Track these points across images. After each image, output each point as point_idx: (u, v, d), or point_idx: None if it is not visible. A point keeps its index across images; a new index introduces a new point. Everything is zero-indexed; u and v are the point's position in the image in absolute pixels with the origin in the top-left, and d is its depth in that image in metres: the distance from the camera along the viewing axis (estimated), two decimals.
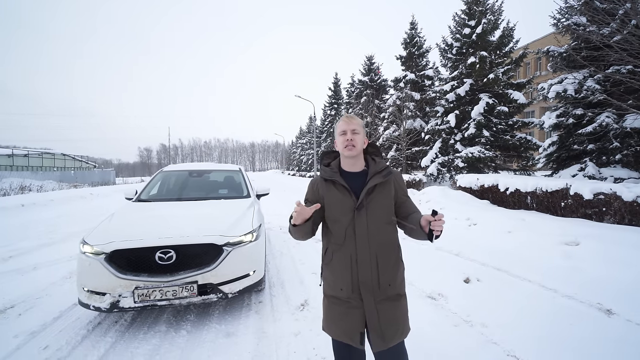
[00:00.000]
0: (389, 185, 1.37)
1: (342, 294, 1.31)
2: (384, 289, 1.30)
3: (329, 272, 1.38)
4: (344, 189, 1.34)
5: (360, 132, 1.36)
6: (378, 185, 1.34)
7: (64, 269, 3.99)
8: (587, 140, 7.19)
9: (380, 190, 1.34)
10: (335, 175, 1.36)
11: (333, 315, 1.35)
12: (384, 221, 1.33)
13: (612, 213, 4.82)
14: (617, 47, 5.92)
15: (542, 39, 20.67)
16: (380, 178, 1.34)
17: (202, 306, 2.92)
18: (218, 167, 4.93)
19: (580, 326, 2.37)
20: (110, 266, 2.40)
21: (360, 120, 1.41)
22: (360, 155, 1.40)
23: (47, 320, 2.67)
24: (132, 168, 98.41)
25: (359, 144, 1.36)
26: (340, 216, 1.33)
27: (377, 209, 1.32)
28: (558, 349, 2.13)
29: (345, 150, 1.35)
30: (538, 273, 3.31)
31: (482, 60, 10.53)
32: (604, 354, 2.06)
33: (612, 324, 2.39)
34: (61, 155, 33.82)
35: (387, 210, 1.34)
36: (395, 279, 1.33)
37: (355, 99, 23.41)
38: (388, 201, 1.35)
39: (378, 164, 1.40)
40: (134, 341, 2.37)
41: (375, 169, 1.37)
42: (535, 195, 5.95)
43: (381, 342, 1.25)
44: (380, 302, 1.28)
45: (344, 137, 1.35)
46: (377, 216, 1.31)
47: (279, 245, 5.12)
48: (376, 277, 1.29)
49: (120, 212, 3.19)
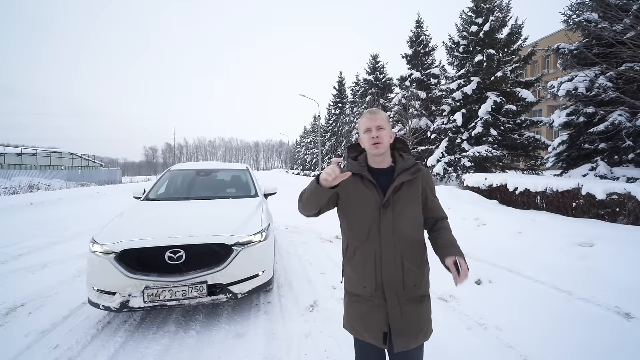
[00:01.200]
0: (416, 183, 1.31)
1: (365, 292, 1.27)
2: (409, 290, 1.25)
3: (351, 269, 1.33)
4: (371, 185, 1.28)
5: (386, 127, 1.29)
6: (405, 183, 1.28)
7: (73, 268, 4.01)
8: (599, 139, 7.04)
9: (408, 188, 1.29)
10: (363, 169, 1.30)
11: (355, 313, 1.31)
12: (411, 220, 1.28)
13: (626, 214, 4.71)
14: (631, 43, 5.79)
15: (550, 37, 20.35)
16: (408, 175, 1.28)
17: (211, 307, 2.91)
18: (225, 166, 4.93)
19: (599, 330, 2.31)
20: (120, 266, 2.39)
21: (384, 114, 1.33)
22: (387, 151, 1.34)
23: (57, 319, 2.68)
24: (138, 167, 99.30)
25: (385, 141, 1.29)
26: (364, 213, 1.28)
27: (404, 207, 1.27)
28: (576, 354, 2.07)
29: (372, 148, 1.29)
30: (552, 275, 3.24)
31: (490, 59, 10.39)
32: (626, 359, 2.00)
33: (632, 329, 2.32)
34: (69, 154, 34.26)
35: (414, 209, 1.30)
36: (421, 280, 1.29)
37: (360, 98, 23.31)
38: (415, 200, 1.30)
39: (406, 160, 1.34)
40: (144, 341, 2.36)
41: (404, 166, 1.31)
42: (546, 196, 5.84)
43: (404, 344, 1.22)
44: (404, 303, 1.24)
45: (369, 134, 1.28)
46: (404, 215, 1.26)
47: (285, 245, 5.09)
48: (401, 277, 1.24)
49: (130, 212, 3.19)
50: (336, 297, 3.06)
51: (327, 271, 3.80)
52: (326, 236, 5.64)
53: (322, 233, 5.88)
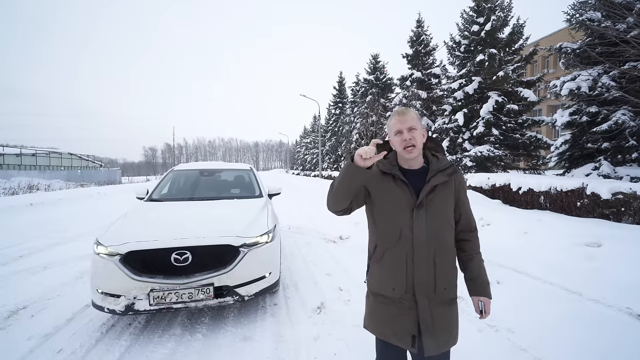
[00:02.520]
0: (450, 185, 1.27)
1: (394, 293, 1.23)
2: (440, 293, 1.22)
3: (378, 270, 1.29)
4: (404, 185, 1.23)
5: (417, 127, 1.22)
6: (440, 185, 1.24)
7: (75, 269, 3.96)
8: (602, 139, 7.02)
9: (442, 190, 1.24)
10: (394, 168, 1.25)
11: (381, 314, 1.27)
12: (444, 222, 1.25)
13: (631, 213, 4.68)
14: (634, 42, 5.77)
15: (551, 36, 20.35)
16: (443, 177, 1.24)
17: (217, 309, 2.86)
18: (229, 166, 4.88)
19: (611, 332, 2.27)
20: (125, 267, 2.35)
21: (414, 112, 1.26)
22: (420, 152, 1.27)
23: (60, 322, 2.63)
24: (137, 167, 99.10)
25: (418, 142, 1.22)
26: (396, 213, 1.23)
27: (438, 209, 1.23)
28: (590, 356, 2.03)
29: (405, 152, 1.22)
30: (560, 275, 3.21)
31: (491, 58, 10.35)
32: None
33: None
34: (68, 154, 34.14)
35: (447, 210, 1.26)
36: (452, 283, 1.26)
37: (360, 98, 23.28)
38: (449, 201, 1.27)
39: (441, 161, 1.29)
40: (149, 344, 2.32)
41: (438, 167, 1.26)
42: (549, 195, 5.81)
43: (435, 347, 1.19)
44: (434, 306, 1.21)
45: (401, 136, 1.21)
46: (437, 217, 1.23)
47: (289, 245, 5.05)
48: (433, 280, 1.21)
49: (134, 212, 3.15)
50: (343, 298, 3.03)
51: (332, 272, 3.76)
52: (329, 236, 5.60)
53: (325, 233, 5.84)
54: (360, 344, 2.23)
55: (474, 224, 1.35)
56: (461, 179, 1.32)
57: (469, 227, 1.33)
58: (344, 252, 4.65)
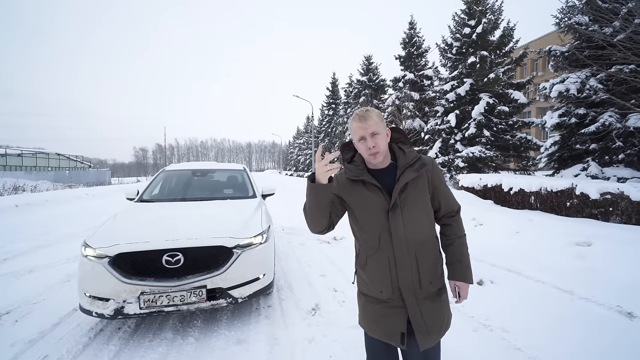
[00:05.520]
0: (422, 178, 1.23)
1: (382, 295, 1.23)
2: (425, 288, 1.22)
3: (364, 274, 1.29)
4: (375, 189, 1.21)
5: (380, 131, 1.18)
6: (410, 182, 1.20)
7: (62, 272, 3.84)
8: (590, 140, 7.17)
9: (414, 186, 1.21)
10: (363, 173, 1.23)
11: (371, 314, 1.28)
12: (422, 220, 1.22)
13: (618, 213, 4.79)
14: (620, 45, 5.90)
15: (540, 39, 20.79)
16: (412, 172, 1.20)
17: (209, 311, 2.81)
18: (222, 166, 4.81)
19: (603, 330, 2.30)
20: (114, 270, 2.28)
21: (376, 113, 1.21)
22: (386, 153, 1.25)
23: (45, 327, 2.54)
24: (128, 168, 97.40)
25: (382, 147, 1.19)
26: (372, 219, 1.22)
27: (413, 207, 1.20)
28: (584, 355, 2.05)
29: (370, 158, 1.20)
30: (552, 274, 3.25)
31: (482, 60, 10.51)
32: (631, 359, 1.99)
33: (635, 328, 2.32)
34: (55, 155, 33.33)
35: (423, 206, 1.23)
36: (435, 276, 1.25)
37: (353, 99, 23.36)
38: (423, 196, 1.23)
39: (408, 155, 1.24)
40: (139, 349, 2.25)
41: (406, 162, 1.22)
42: (540, 195, 5.91)
43: (428, 341, 1.19)
44: (422, 301, 1.21)
45: (364, 143, 1.19)
46: (414, 215, 1.20)
47: (282, 246, 5.01)
48: (417, 278, 1.21)
49: (124, 213, 3.06)
50: (338, 299, 3.00)
51: (327, 273, 3.73)
52: (324, 237, 5.57)
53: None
54: (355, 345, 2.21)
55: (454, 207, 1.32)
56: (433, 168, 1.27)
57: (450, 212, 1.31)
58: (338, 252, 4.63)
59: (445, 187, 1.31)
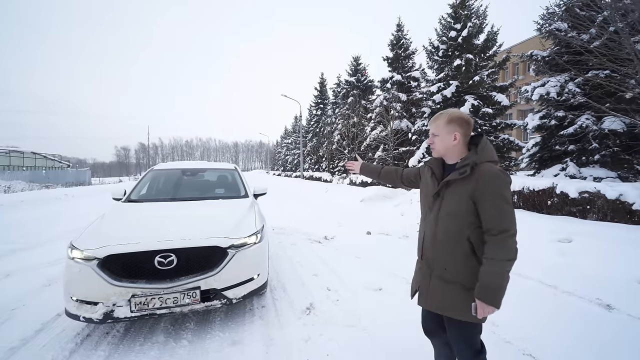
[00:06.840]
0: (466, 185, 1.34)
1: (417, 254, 1.59)
2: (439, 270, 1.43)
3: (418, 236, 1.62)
4: (433, 177, 1.51)
5: (439, 134, 1.45)
6: (456, 181, 1.37)
7: (43, 276, 3.67)
8: (568, 141, 7.49)
9: (457, 186, 1.38)
10: (436, 162, 1.54)
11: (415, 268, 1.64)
12: (452, 214, 1.38)
13: (595, 210, 5.03)
14: (597, 52, 6.20)
15: (522, 44, 21.51)
16: (456, 175, 1.37)
17: (203, 313, 2.76)
18: (212, 165, 4.73)
19: (585, 322, 2.42)
20: (103, 273, 2.20)
21: (443, 119, 1.44)
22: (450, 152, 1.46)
23: (27, 333, 2.43)
24: (109, 168, 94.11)
25: (438, 146, 1.48)
26: (424, 197, 1.57)
27: (449, 201, 1.40)
28: (570, 345, 2.15)
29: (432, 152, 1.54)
30: (537, 270, 3.38)
31: (467, 63, 10.78)
32: (613, 348, 2.10)
33: (614, 319, 2.46)
34: (31, 153, 31.79)
35: (457, 205, 1.37)
36: (452, 267, 1.39)
37: (342, 99, 23.46)
38: (461, 198, 1.36)
39: (465, 159, 1.38)
40: (130, 354, 2.19)
41: (461, 163, 1.39)
42: (522, 194, 6.13)
43: (423, 303, 1.51)
44: (434, 277, 1.45)
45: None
46: (448, 208, 1.40)
47: (274, 246, 4.97)
48: (433, 258, 1.45)
49: (111, 214, 2.96)
50: (332, 298, 3.01)
51: (319, 273, 3.73)
52: (314, 237, 5.58)
53: (310, 234, 5.81)
54: (352, 344, 2.23)
55: (495, 227, 1.28)
56: (482, 182, 1.29)
57: (489, 230, 1.30)
58: (330, 252, 4.64)
59: (491, 205, 1.29)
